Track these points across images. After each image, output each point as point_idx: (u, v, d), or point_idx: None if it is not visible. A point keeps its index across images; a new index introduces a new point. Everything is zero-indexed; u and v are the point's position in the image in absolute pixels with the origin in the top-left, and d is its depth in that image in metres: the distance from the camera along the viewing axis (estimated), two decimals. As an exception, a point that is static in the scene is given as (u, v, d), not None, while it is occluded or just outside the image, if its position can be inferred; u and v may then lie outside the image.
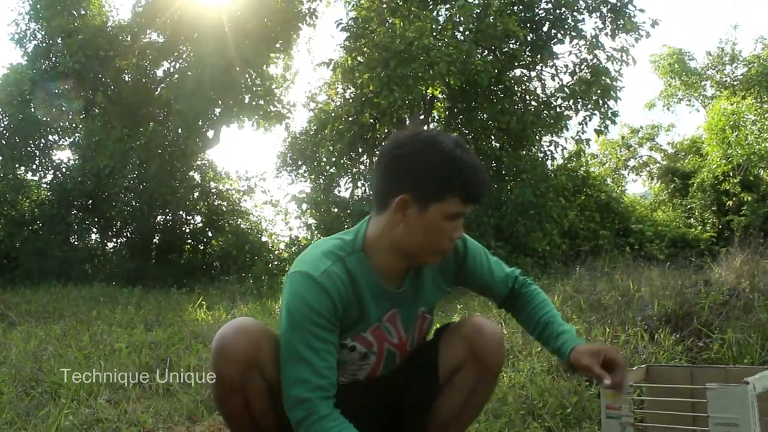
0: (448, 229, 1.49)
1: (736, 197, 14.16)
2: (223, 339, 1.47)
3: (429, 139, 1.47)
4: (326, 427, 1.38)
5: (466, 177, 1.45)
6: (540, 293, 1.78)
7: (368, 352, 1.60)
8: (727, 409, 1.35)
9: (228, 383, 1.47)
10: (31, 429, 2.36)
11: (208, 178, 13.35)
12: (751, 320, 3.74)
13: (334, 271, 1.49)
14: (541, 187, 10.70)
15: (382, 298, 1.57)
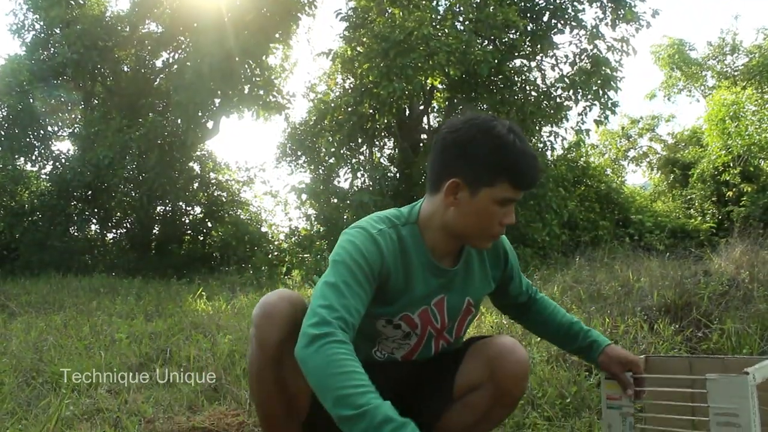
0: (499, 214, 1.50)
1: (736, 188, 14.15)
2: (267, 304, 1.47)
3: (483, 124, 1.48)
4: (337, 351, 1.26)
5: (517, 163, 1.46)
6: (549, 301, 1.87)
7: (411, 333, 1.61)
8: (727, 399, 1.35)
9: (269, 350, 1.45)
10: (32, 419, 2.37)
11: (208, 169, 13.33)
12: (750, 311, 3.74)
13: (388, 232, 1.52)
14: (541, 178, 10.69)
15: (431, 275, 1.58)
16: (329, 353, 1.26)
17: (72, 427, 2.22)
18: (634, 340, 3.24)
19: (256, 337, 1.46)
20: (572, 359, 3.07)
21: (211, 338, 4.05)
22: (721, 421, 1.34)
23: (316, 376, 1.26)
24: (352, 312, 1.36)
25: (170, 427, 2.26)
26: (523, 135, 1.50)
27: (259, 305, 1.48)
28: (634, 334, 3.34)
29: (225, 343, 3.66)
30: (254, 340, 1.47)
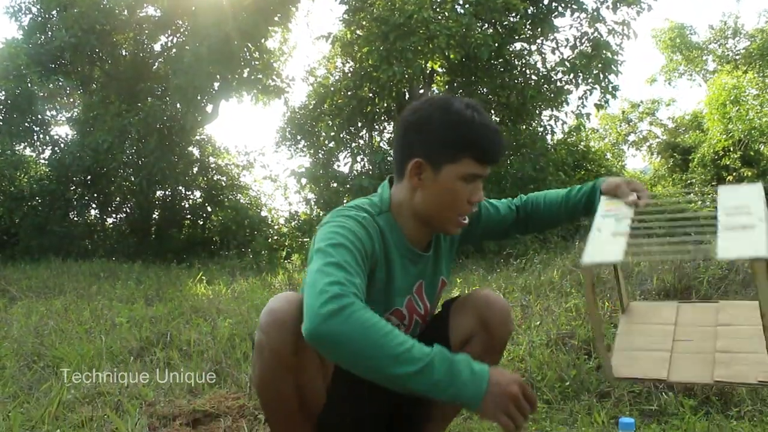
0: (465, 191, 1.48)
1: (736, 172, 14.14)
2: (276, 311, 1.36)
3: (441, 102, 1.48)
4: (369, 315, 1.20)
5: (478, 136, 1.45)
6: (538, 193, 1.83)
7: (400, 324, 1.60)
8: (736, 200, 1.31)
9: (283, 360, 1.36)
10: (33, 402, 2.38)
11: (207, 153, 13.30)
12: (750, 294, 3.75)
13: (371, 221, 1.49)
14: (541, 162, 10.68)
15: (409, 262, 1.57)
16: (363, 319, 1.19)
17: (73, 411, 2.23)
18: (633, 324, 3.24)
19: (268, 347, 1.36)
20: (572, 343, 3.07)
21: (212, 322, 4.07)
22: (731, 212, 1.26)
23: (356, 345, 1.17)
24: (360, 290, 1.27)
25: (171, 411, 2.27)
26: (482, 110, 1.48)
27: (266, 313, 1.38)
28: (634, 318, 3.34)
29: (225, 327, 3.67)
30: (266, 349, 1.37)
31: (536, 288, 4.75)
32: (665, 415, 2.36)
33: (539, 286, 4.81)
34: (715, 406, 2.42)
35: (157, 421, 2.19)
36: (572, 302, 3.84)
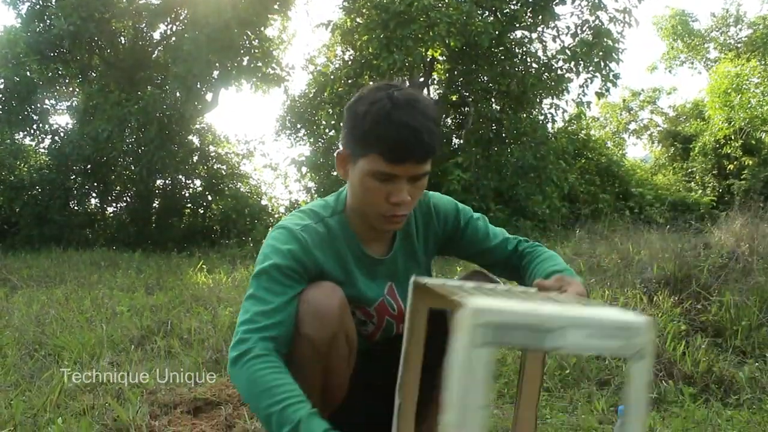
0: (381, 190, 1.38)
1: (737, 161, 14.12)
2: (317, 301, 1.38)
3: (367, 92, 1.38)
4: (257, 368, 1.26)
5: (386, 133, 1.32)
6: (546, 250, 1.64)
7: (367, 321, 1.59)
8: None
9: (319, 347, 1.37)
10: (35, 390, 2.38)
11: (207, 142, 13.27)
12: (750, 283, 3.76)
13: (313, 227, 1.46)
14: (542, 150, 10.66)
15: (366, 266, 1.53)
16: (249, 372, 1.26)
17: (75, 399, 2.23)
18: (633, 312, 3.25)
19: (304, 334, 1.36)
20: (572, 331, 3.08)
21: (212, 311, 4.07)
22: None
23: (245, 397, 1.29)
24: (276, 317, 1.33)
25: (172, 398, 2.28)
26: (413, 105, 1.34)
27: (305, 301, 1.38)
28: (634, 306, 3.35)
29: (226, 316, 3.68)
30: (302, 336, 1.37)
31: (537, 276, 4.74)
32: (665, 402, 2.37)
33: (539, 274, 4.81)
34: (714, 394, 2.43)
35: (158, 409, 2.20)
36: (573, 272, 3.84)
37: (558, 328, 0.85)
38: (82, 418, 1.94)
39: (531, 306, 0.88)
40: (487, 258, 1.67)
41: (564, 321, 0.86)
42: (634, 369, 0.86)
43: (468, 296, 0.90)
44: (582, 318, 0.86)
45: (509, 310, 0.85)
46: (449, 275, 5.34)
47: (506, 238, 1.66)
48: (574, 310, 0.91)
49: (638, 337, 0.85)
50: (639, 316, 0.87)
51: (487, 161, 10.70)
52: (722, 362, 2.68)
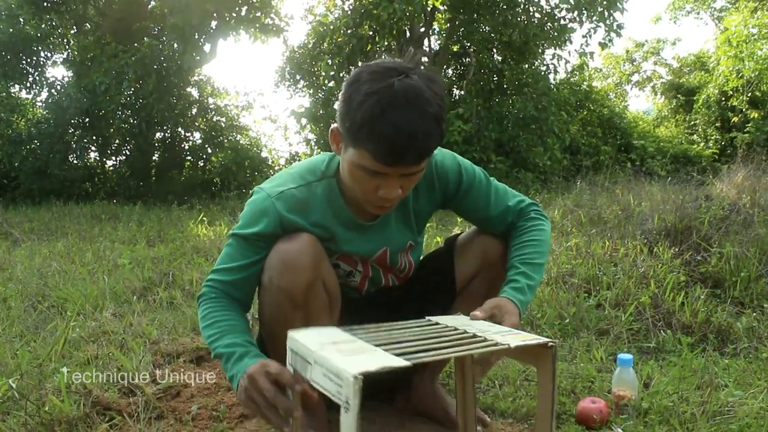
0: (370, 183, 1.31)
1: (742, 114, 13.97)
2: (289, 252, 1.38)
3: (369, 76, 1.24)
4: (206, 306, 1.43)
5: (378, 133, 1.21)
6: (534, 230, 1.57)
7: (353, 271, 1.59)
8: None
9: (295, 298, 1.38)
10: (40, 341, 2.41)
11: (206, 94, 13.12)
12: (750, 235, 3.76)
13: (292, 192, 1.44)
14: (543, 102, 10.55)
15: (354, 229, 1.52)
16: (201, 311, 1.44)
17: (79, 349, 2.26)
18: (633, 263, 3.26)
19: (278, 286, 1.37)
20: (572, 281, 3.10)
21: (213, 262, 4.08)
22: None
23: (201, 332, 1.44)
24: (236, 273, 1.44)
25: (175, 348, 2.30)
26: (412, 102, 1.21)
27: (277, 252, 1.39)
28: (634, 258, 3.36)
29: (227, 267, 3.69)
30: (275, 288, 1.38)
31: (537, 228, 4.75)
32: (663, 352, 2.40)
33: (540, 226, 4.81)
34: (712, 343, 2.45)
35: (162, 358, 2.22)
36: (573, 241, 3.85)
37: (312, 362, 0.97)
38: (87, 368, 1.96)
39: (314, 342, 1.02)
40: (485, 226, 1.65)
41: (313, 357, 0.97)
42: (341, 419, 0.87)
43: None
44: (323, 358, 0.93)
45: (301, 342, 1.03)
46: (449, 225, 5.35)
47: (507, 210, 1.60)
48: (352, 348, 0.98)
49: (345, 388, 0.85)
50: (362, 368, 0.85)
51: (488, 112, 10.61)
52: (720, 313, 2.70)
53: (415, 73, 1.26)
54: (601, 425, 1.69)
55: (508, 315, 1.32)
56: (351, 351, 0.97)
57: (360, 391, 0.83)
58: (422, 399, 1.79)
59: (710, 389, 1.86)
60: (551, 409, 1.04)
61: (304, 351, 1.02)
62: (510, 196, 1.61)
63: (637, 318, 2.67)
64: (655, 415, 1.73)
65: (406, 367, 0.90)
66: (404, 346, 1.01)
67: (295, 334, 1.10)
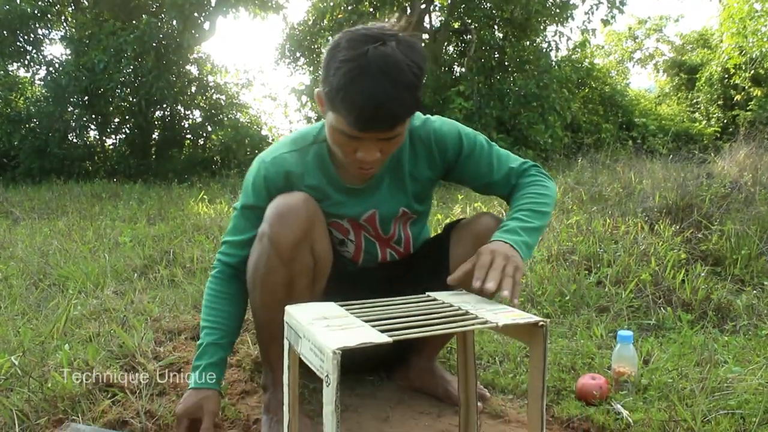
0: (349, 146, 1.32)
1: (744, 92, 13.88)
2: (285, 206, 1.40)
3: (348, 42, 1.25)
4: (208, 287, 1.56)
5: (349, 99, 1.23)
6: (534, 185, 1.56)
7: (345, 239, 1.59)
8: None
9: (282, 252, 1.38)
10: (41, 319, 2.41)
11: (206, 72, 13.03)
12: (751, 213, 3.76)
13: (285, 158, 1.48)
14: (545, 79, 10.49)
15: (341, 192, 1.52)
16: (206, 290, 1.57)
17: (81, 326, 2.26)
18: (634, 241, 3.26)
19: (268, 235, 1.38)
20: (573, 258, 3.10)
21: (213, 240, 4.10)
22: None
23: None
24: (242, 248, 1.51)
25: (176, 325, 2.31)
26: (385, 71, 1.21)
27: (274, 206, 1.41)
28: (634, 235, 3.36)
29: (228, 245, 3.69)
30: (266, 237, 1.39)
31: (538, 205, 4.74)
32: (662, 329, 2.41)
33: (541, 203, 4.81)
34: (711, 320, 2.46)
35: (163, 335, 2.23)
36: (573, 219, 3.85)
37: (302, 336, 1.00)
38: (89, 345, 1.97)
39: (306, 317, 1.04)
40: (489, 191, 1.63)
41: (302, 332, 1.00)
42: (324, 392, 0.89)
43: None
44: (310, 333, 0.96)
45: (295, 316, 1.05)
46: (449, 203, 5.35)
47: (510, 172, 1.58)
48: (341, 324, 0.99)
49: (326, 362, 0.87)
50: (343, 343, 0.87)
51: (489, 90, 10.55)
52: (720, 290, 2.71)
53: (395, 40, 1.25)
54: (601, 401, 1.70)
55: (484, 255, 1.28)
56: (339, 326, 0.98)
57: (338, 366, 0.85)
58: (422, 376, 1.80)
59: (709, 366, 1.86)
60: (542, 386, 1.05)
61: (296, 325, 1.04)
62: (512, 159, 1.60)
63: (637, 295, 2.67)
64: (655, 392, 1.74)
65: (387, 343, 0.91)
66: (394, 323, 1.01)
67: (291, 309, 1.11)
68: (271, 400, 1.57)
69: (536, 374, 1.06)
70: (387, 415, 1.65)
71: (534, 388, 1.07)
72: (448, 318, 1.06)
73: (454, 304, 1.16)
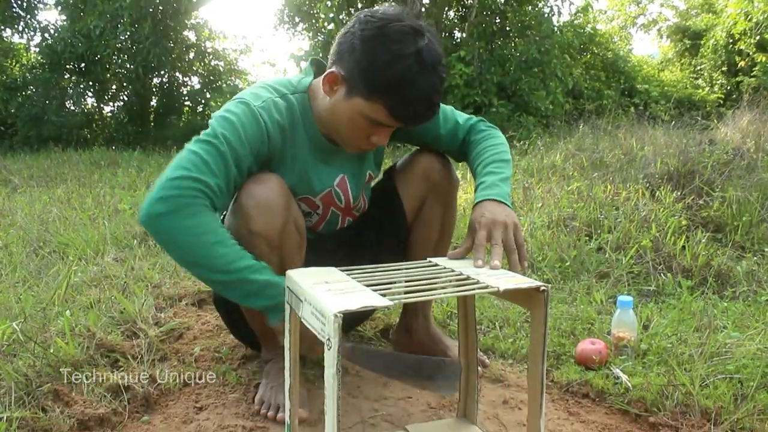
0: (367, 130, 1.35)
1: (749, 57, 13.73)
2: (263, 196, 1.34)
3: (396, 33, 1.26)
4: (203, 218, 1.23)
5: (407, 97, 1.27)
6: (489, 138, 1.57)
7: (311, 212, 1.56)
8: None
9: (271, 240, 1.35)
10: (42, 286, 2.42)
11: (204, 38, 12.90)
12: (753, 179, 3.74)
13: (278, 102, 1.40)
14: (546, 44, 10.36)
15: (321, 152, 1.49)
16: (197, 220, 1.22)
17: (81, 293, 2.27)
18: (635, 207, 3.25)
19: (256, 230, 1.33)
20: (573, 224, 3.09)
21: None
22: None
23: (186, 244, 1.23)
24: (221, 183, 1.27)
25: (176, 291, 2.32)
26: (436, 69, 1.28)
27: (247, 197, 1.33)
28: (635, 201, 3.35)
29: (228, 213, 3.69)
30: (254, 233, 1.33)
31: (539, 171, 4.74)
32: (662, 294, 2.41)
33: (541, 169, 4.80)
34: (711, 287, 2.46)
35: (164, 301, 2.24)
36: (574, 185, 3.84)
37: (303, 300, 1.00)
38: (90, 311, 1.97)
39: (308, 281, 1.03)
40: (438, 146, 1.64)
41: (304, 296, 1.00)
42: (325, 356, 0.89)
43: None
44: (312, 297, 0.95)
45: (296, 280, 1.05)
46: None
47: (456, 126, 1.60)
48: (342, 287, 0.99)
49: (327, 325, 0.87)
50: (343, 306, 0.86)
51: (490, 55, 10.43)
52: (721, 256, 2.70)
53: (429, 32, 1.30)
54: (600, 366, 1.71)
55: (481, 231, 1.27)
56: (340, 290, 0.99)
57: (339, 329, 0.85)
58: (423, 342, 1.81)
59: (708, 331, 1.87)
60: (543, 351, 1.05)
61: (297, 290, 1.04)
62: (458, 115, 1.63)
63: (637, 261, 2.67)
64: (654, 356, 1.74)
65: (388, 306, 0.92)
66: (395, 287, 1.01)
67: (292, 273, 1.11)
68: (272, 367, 1.58)
69: (537, 339, 1.06)
70: (387, 380, 1.66)
71: (534, 353, 1.07)
72: (449, 283, 1.06)
73: (455, 269, 1.16)
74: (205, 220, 1.23)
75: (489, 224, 1.29)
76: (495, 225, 1.28)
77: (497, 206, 1.33)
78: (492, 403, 1.55)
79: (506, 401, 1.57)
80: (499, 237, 1.27)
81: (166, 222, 1.22)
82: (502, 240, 1.27)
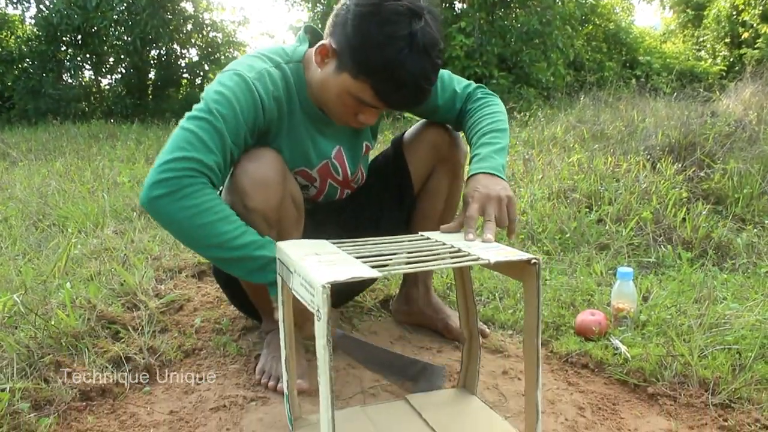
0: (354, 108, 1.34)
1: (753, 29, 13.57)
2: (259, 172, 1.32)
3: (391, 13, 1.22)
4: (205, 196, 1.21)
5: (391, 77, 1.24)
6: (486, 107, 1.55)
7: (309, 185, 1.54)
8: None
9: (269, 217, 1.34)
10: (42, 259, 2.42)
11: (201, 9, 12.75)
12: (755, 151, 3.73)
13: (272, 72, 1.37)
14: (548, 15, 10.25)
15: (315, 122, 1.46)
16: (199, 199, 1.20)
17: (82, 265, 2.27)
18: (635, 179, 3.24)
19: (253, 207, 1.31)
20: (573, 196, 3.09)
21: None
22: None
23: (188, 225, 1.21)
24: (218, 161, 1.24)
25: (176, 263, 2.32)
26: (430, 53, 1.24)
27: (243, 174, 1.31)
28: (636, 173, 3.34)
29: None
30: (251, 210, 1.31)
31: (539, 143, 4.72)
32: (662, 266, 2.41)
33: (542, 141, 4.78)
34: (711, 258, 2.46)
35: (164, 273, 2.24)
36: (575, 157, 3.82)
37: (293, 271, 1.00)
38: (90, 283, 1.97)
39: (298, 252, 1.03)
40: (434, 117, 1.63)
41: (294, 267, 0.99)
42: (315, 327, 0.89)
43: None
44: (302, 268, 0.95)
45: (286, 252, 1.05)
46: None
47: (454, 95, 1.57)
48: (332, 259, 0.99)
49: (316, 297, 0.87)
50: (332, 277, 0.86)
51: (491, 26, 10.32)
52: (721, 228, 2.70)
53: (429, 13, 1.26)
54: (600, 337, 1.71)
55: (472, 205, 1.26)
56: (330, 262, 0.98)
57: (328, 299, 0.85)
58: (423, 311, 1.82)
59: (708, 302, 1.87)
60: (537, 323, 1.05)
61: (287, 261, 1.04)
62: (456, 82, 1.59)
63: (637, 233, 2.67)
64: (653, 327, 1.75)
65: (377, 277, 0.91)
66: (385, 259, 1.01)
67: (282, 245, 1.11)
68: (273, 337, 1.58)
69: (531, 311, 1.06)
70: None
71: (529, 326, 1.07)
72: (440, 255, 1.06)
73: (446, 242, 1.15)
74: (205, 199, 1.21)
75: (482, 198, 1.28)
76: (489, 199, 1.27)
77: (491, 179, 1.32)
78: (492, 374, 1.56)
79: (506, 371, 1.57)
80: (492, 212, 1.26)
81: (166, 204, 1.20)
82: (495, 215, 1.26)
